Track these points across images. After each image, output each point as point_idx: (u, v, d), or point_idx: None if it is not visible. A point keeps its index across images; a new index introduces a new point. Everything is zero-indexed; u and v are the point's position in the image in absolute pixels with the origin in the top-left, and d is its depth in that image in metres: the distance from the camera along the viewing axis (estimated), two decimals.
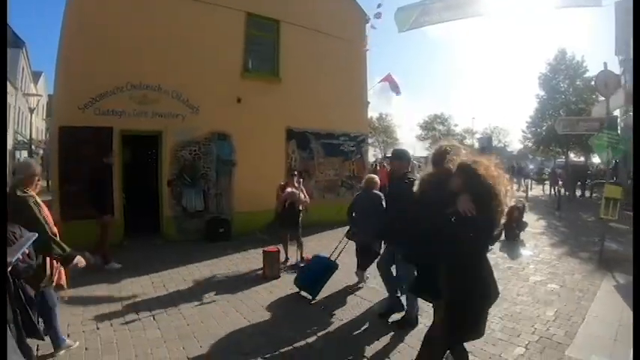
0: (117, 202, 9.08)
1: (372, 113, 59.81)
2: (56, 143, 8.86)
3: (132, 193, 10.01)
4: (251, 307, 5.69)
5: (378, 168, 16.53)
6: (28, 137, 28.79)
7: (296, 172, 8.44)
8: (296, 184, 8.09)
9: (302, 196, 8.06)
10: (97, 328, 4.69)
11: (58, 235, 4.04)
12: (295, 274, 6.77)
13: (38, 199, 4.00)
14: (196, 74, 10.17)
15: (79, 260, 3.99)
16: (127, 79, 9.36)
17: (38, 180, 4.15)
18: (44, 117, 41.35)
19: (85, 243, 5.71)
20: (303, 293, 6.16)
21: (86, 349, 4.33)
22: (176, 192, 10.08)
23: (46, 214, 4.02)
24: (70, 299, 4.85)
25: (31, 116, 28.55)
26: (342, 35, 13.06)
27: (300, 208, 8.08)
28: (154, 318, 5.25)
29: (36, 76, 40.03)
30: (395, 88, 19.09)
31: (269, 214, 8.64)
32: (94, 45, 8.95)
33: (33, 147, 29.68)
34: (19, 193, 3.86)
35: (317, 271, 6.25)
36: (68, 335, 4.46)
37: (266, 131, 11.25)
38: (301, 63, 12.11)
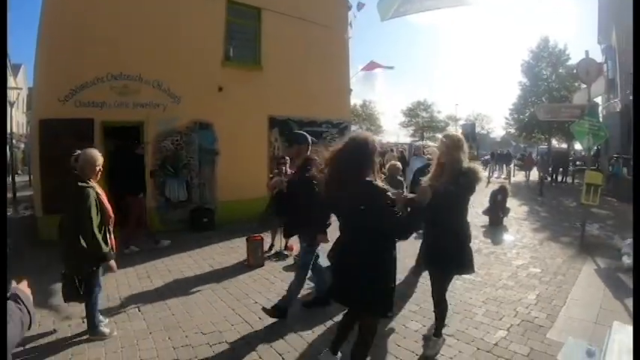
0: None
1: (356, 100, 59.85)
2: (37, 136, 8.71)
3: (114, 185, 9.86)
4: (236, 296, 5.68)
5: None
6: (9, 131, 28.25)
7: (285, 159, 8.23)
8: (286, 172, 8.04)
9: None
10: (83, 322, 4.64)
11: (113, 222, 4.43)
12: (279, 262, 6.77)
13: (99, 189, 4.27)
14: (177, 63, 10.03)
15: (112, 265, 4.37)
16: (107, 70, 9.20)
17: (100, 170, 4.36)
18: (24, 110, 40.53)
19: None
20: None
21: (72, 342, 4.29)
22: (159, 182, 9.98)
23: (106, 205, 4.31)
24: (54, 293, 4.81)
25: (11, 110, 27.99)
26: (323, 22, 12.97)
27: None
28: (139, 309, 5.23)
29: (15, 68, 39.23)
30: (386, 68, 19.15)
31: (253, 202, 8.61)
32: (73, 36, 8.78)
33: (14, 141, 29.15)
34: (80, 183, 4.09)
35: None
36: (54, 330, 4.43)
37: (248, 120, 11.17)
38: (283, 51, 12.01)
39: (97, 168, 4.29)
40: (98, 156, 4.32)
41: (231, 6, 11.14)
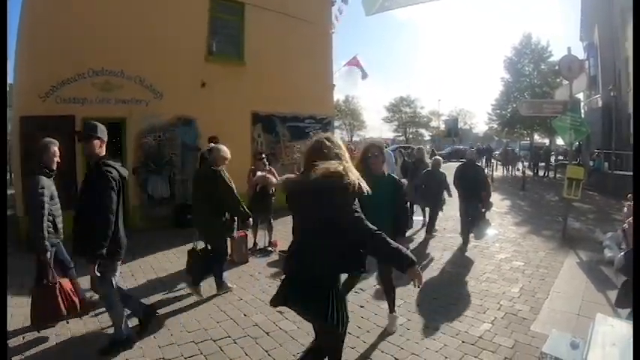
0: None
1: (339, 96, 59.88)
2: (17, 134, 8.58)
3: None
4: (220, 294, 5.63)
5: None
6: None
7: (263, 155, 8.30)
8: (266, 168, 8.01)
9: (273, 179, 7.95)
10: (67, 322, 4.56)
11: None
12: (264, 258, 6.77)
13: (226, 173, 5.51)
14: (160, 59, 9.92)
15: (249, 222, 5.88)
16: (88, 66, 9.08)
17: (226, 162, 5.58)
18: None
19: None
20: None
21: (56, 343, 4.23)
22: (141, 179, 9.89)
23: (233, 185, 5.51)
24: None
25: None
26: (307, 17, 12.92)
27: (273, 191, 8.00)
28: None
29: None
30: (362, 72, 19.18)
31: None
32: (53, 31, 8.64)
33: None
34: (213, 167, 5.42)
35: None
36: (38, 330, 4.34)
37: (231, 115, 11.08)
38: (266, 46, 11.95)
39: (227, 160, 5.57)
40: (227, 151, 5.57)
41: (214, 1, 11.06)
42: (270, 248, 7.83)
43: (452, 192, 9.01)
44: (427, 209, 9.49)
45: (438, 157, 10.14)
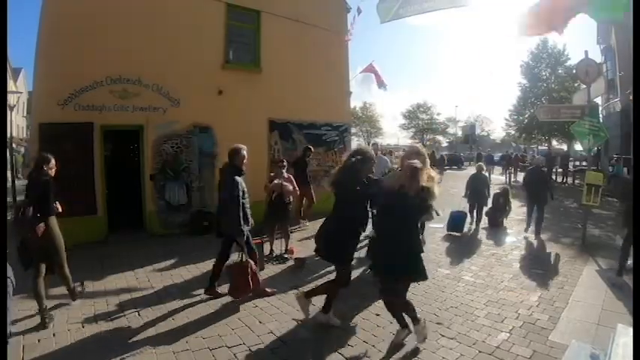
0: (99, 198, 9.08)
1: (356, 102, 59.95)
2: (36, 140, 8.64)
3: (114, 188, 9.85)
4: (236, 301, 5.65)
5: None
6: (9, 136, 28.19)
7: (284, 163, 8.35)
8: (285, 175, 8.04)
9: (290, 187, 7.98)
10: (82, 326, 4.63)
11: None
12: (280, 265, 6.82)
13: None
14: (177, 66, 10.01)
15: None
16: (106, 73, 9.17)
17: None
18: (24, 114, 40.44)
19: (69, 239, 5.64)
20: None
21: (72, 347, 4.26)
22: (159, 186, 9.95)
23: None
24: (54, 297, 4.80)
25: (11, 114, 27.90)
26: (323, 25, 12.93)
27: (290, 199, 8.01)
28: (139, 314, 5.19)
29: (15, 72, 39.18)
30: (380, 82, 18.98)
31: (254, 206, 8.45)
32: (72, 39, 8.75)
33: (14, 145, 29.12)
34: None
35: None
36: (54, 334, 4.39)
37: (248, 123, 11.10)
38: (282, 53, 11.98)
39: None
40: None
41: (230, 9, 11.10)
42: (286, 255, 7.82)
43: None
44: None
45: (480, 163, 12.97)
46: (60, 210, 5.26)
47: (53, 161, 5.26)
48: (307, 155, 10.91)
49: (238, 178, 5.45)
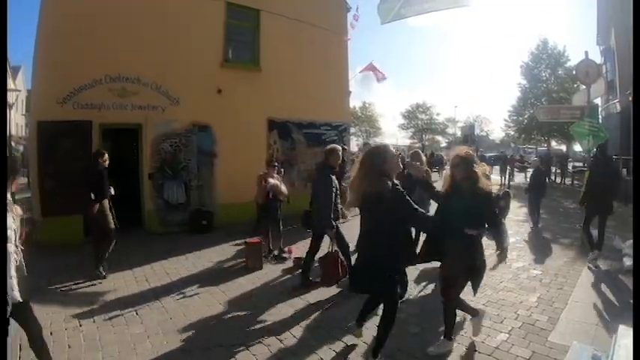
0: None
1: (355, 102, 59.81)
2: (35, 139, 8.67)
3: (113, 186, 9.80)
4: (234, 300, 5.64)
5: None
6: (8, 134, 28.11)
7: (277, 163, 8.34)
8: (277, 175, 8.02)
9: (282, 188, 7.97)
10: (80, 325, 4.61)
11: None
12: (278, 264, 6.83)
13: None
14: (176, 65, 10.00)
15: None
16: (105, 72, 9.17)
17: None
18: (23, 112, 40.33)
19: (65, 237, 5.62)
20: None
21: (69, 346, 4.24)
22: (157, 185, 9.96)
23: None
24: (51, 296, 4.78)
25: (10, 112, 27.85)
26: (322, 24, 12.95)
27: (282, 199, 7.99)
28: (136, 313, 5.18)
29: (14, 70, 39.07)
30: (379, 77, 19.07)
31: (252, 205, 8.51)
32: (71, 38, 8.75)
33: (13, 144, 29.04)
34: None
35: None
36: (51, 333, 4.37)
37: (247, 122, 11.12)
38: (282, 52, 11.99)
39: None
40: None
41: (230, 7, 11.11)
42: (285, 255, 7.80)
43: None
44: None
45: None
46: (113, 193, 6.82)
47: (106, 155, 6.69)
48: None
49: (332, 177, 5.82)
